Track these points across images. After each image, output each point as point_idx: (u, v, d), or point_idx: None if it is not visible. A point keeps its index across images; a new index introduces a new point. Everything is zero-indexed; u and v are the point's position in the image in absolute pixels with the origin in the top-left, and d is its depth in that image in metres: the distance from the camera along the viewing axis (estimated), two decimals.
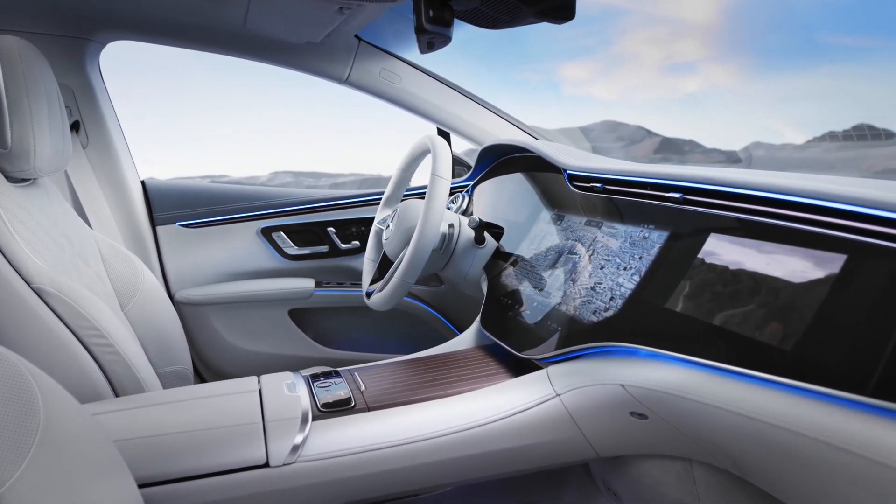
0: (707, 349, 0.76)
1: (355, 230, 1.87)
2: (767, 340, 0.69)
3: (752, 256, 0.76)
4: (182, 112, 4.46)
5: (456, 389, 1.00)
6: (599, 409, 0.92)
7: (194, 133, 4.88)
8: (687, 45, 6.93)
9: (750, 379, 0.71)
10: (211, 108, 4.97)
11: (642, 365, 0.85)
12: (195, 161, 3.97)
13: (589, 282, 1.01)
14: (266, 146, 5.27)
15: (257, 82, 5.09)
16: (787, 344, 0.67)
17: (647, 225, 0.96)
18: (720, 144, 4.22)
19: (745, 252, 0.77)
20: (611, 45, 7.53)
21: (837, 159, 2.14)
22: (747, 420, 0.72)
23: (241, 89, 5.86)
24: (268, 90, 4.66)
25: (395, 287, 1.23)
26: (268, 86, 5.46)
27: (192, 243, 1.79)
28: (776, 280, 0.71)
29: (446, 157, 1.24)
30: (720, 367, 0.74)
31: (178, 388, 1.04)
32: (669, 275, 0.86)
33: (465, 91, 1.79)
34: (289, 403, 0.94)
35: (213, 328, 1.77)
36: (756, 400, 0.70)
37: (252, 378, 1.03)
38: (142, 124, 2.42)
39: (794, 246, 0.71)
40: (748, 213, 0.79)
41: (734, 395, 0.73)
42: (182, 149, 4.25)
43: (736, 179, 0.82)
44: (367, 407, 0.95)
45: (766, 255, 0.74)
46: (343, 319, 1.90)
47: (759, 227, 0.76)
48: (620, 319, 0.90)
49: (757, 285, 0.74)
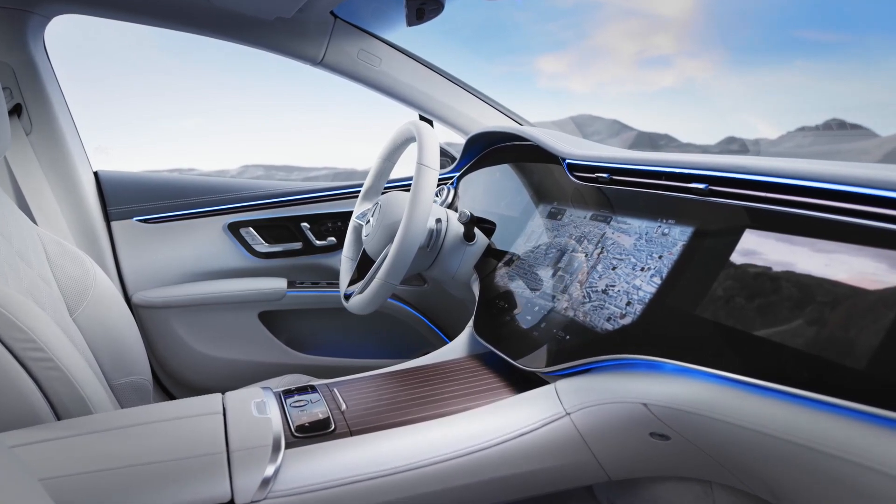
0: (746, 364, 0.65)
1: (331, 225, 1.74)
2: (820, 355, 0.59)
3: (801, 256, 0.65)
4: (145, 100, 4.25)
5: (450, 408, 0.88)
6: (615, 430, 0.81)
7: (160, 124, 4.67)
8: (662, 39, 6.91)
9: (797, 399, 0.61)
10: (179, 99, 4.77)
11: (668, 381, 0.74)
12: (160, 154, 3.79)
13: (599, 283, 0.89)
14: (236, 139, 5.10)
15: (227, 71, 4.89)
16: (846, 360, 0.57)
17: (665, 219, 0.85)
18: (695, 139, 4.18)
19: (793, 251, 0.66)
20: (586, 38, 7.48)
21: (811, 154, 2.13)
22: (794, 447, 0.62)
23: (210, 79, 5.65)
24: (238, 80, 4.48)
25: (378, 289, 1.12)
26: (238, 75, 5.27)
27: (151, 240, 1.65)
28: (833, 284, 0.61)
29: (433, 144, 1.13)
30: (761, 384, 0.64)
31: (126, 410, 0.90)
32: (699, 277, 0.75)
33: (450, 76, 1.66)
34: (258, 428, 0.81)
35: (174, 333, 1.63)
36: (806, 424, 0.60)
37: (215, 397, 0.90)
38: (96, 110, 2.25)
39: (855, 244, 0.61)
40: (793, 207, 0.68)
41: (778, 418, 0.63)
42: (146, 141, 4.05)
43: (777, 168, 0.71)
44: (349, 430, 0.82)
45: (821, 255, 0.63)
46: (318, 323, 1.77)
47: (810, 223, 0.66)
48: (641, 328, 0.79)
49: (808, 290, 0.63)
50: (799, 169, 0.69)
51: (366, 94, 1.66)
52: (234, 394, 0.91)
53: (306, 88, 4.26)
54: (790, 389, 0.61)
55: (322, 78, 1.63)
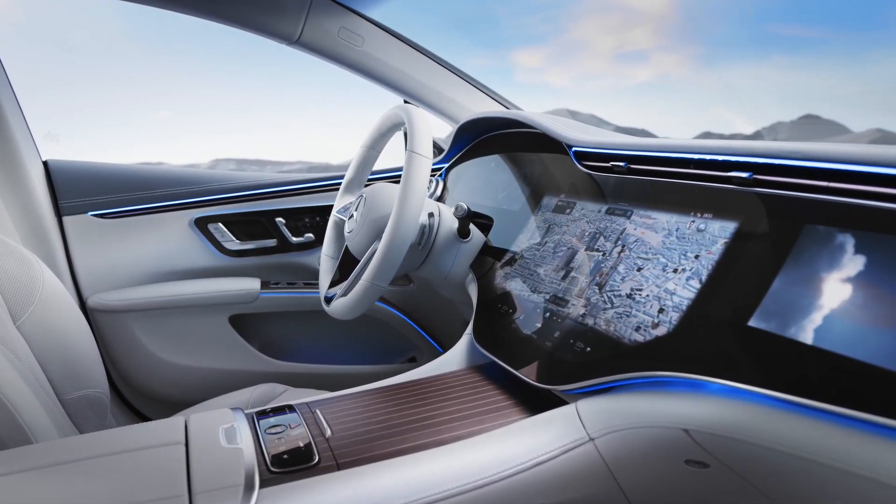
0: (810, 385, 0.55)
1: (309, 221, 1.60)
2: None
3: (878, 257, 0.55)
4: (112, 91, 4.05)
5: (453, 433, 0.76)
6: (646, 457, 0.70)
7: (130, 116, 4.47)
8: (639, 33, 6.90)
9: (872, 427, 0.51)
10: (151, 90, 4.57)
11: (712, 403, 0.63)
12: (127, 146, 3.59)
13: (623, 287, 0.78)
14: (207, 131, 4.92)
15: (197, 61, 4.71)
16: None
17: (699, 213, 0.74)
18: (672, 134, 4.13)
19: (866, 250, 0.56)
20: (564, 32, 7.45)
21: None
22: (861, 481, 0.52)
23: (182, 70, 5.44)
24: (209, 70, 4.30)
25: (364, 291, 0.99)
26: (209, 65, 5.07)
27: (108, 237, 1.50)
28: None
29: (425, 130, 1.01)
30: (827, 409, 0.54)
31: (70, 439, 0.77)
32: (749, 281, 0.64)
33: (439, 58, 1.54)
34: (226, 461, 0.68)
35: (136, 340, 1.48)
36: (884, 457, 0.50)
37: (175, 422, 0.76)
38: (48, 96, 2.07)
39: None
40: (865, 198, 0.58)
41: (847, 450, 0.53)
42: (110, 132, 3.85)
43: (844, 153, 0.61)
44: (335, 463, 0.70)
45: None
46: (295, 327, 1.64)
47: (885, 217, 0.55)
48: (678, 340, 0.68)
49: (887, 299, 0.53)
50: (872, 154, 0.58)
51: (341, 88, 1.53)
52: (199, 418, 0.78)
53: (281, 82, 4.10)
54: (863, 415, 0.51)
55: (297, 70, 1.50)
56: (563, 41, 7.96)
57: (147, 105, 4.88)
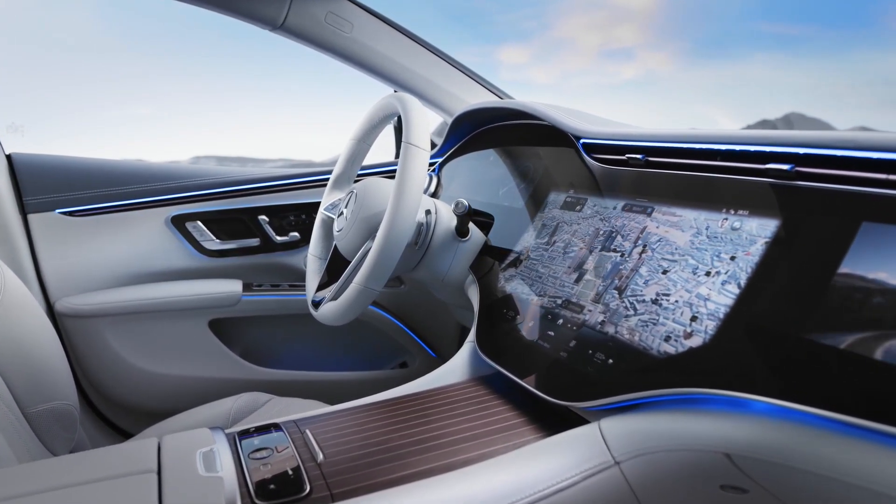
0: (873, 407, 0.48)
1: (295, 219, 1.52)
2: None
3: None
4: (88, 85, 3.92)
5: (462, 455, 0.68)
6: (677, 483, 0.63)
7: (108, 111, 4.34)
8: (624, 31, 6.97)
9: None
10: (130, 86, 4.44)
11: (757, 424, 0.56)
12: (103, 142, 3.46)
13: (647, 292, 0.71)
14: (188, 129, 4.81)
15: (177, 56, 4.59)
16: None
17: (733, 210, 0.67)
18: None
19: None
20: (549, 29, 7.48)
21: None
22: None
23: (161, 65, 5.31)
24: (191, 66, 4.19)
25: (356, 295, 0.91)
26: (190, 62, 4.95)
27: (78, 236, 1.39)
28: None
29: (422, 120, 0.94)
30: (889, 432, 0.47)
31: (27, 466, 0.68)
32: (799, 286, 0.57)
33: (432, 47, 1.46)
34: (204, 493, 0.59)
35: (108, 347, 1.38)
36: None
37: (147, 445, 0.67)
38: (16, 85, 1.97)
39: None
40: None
41: None
42: (85, 127, 3.72)
43: None
44: (329, 494, 0.62)
45: None
46: (279, 332, 1.55)
47: None
48: (716, 352, 0.60)
49: None
50: None
51: (324, 85, 1.45)
52: (174, 439, 0.69)
53: (262, 79, 4.01)
54: None
55: (281, 66, 1.41)
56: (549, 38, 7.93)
57: (126, 101, 4.76)
